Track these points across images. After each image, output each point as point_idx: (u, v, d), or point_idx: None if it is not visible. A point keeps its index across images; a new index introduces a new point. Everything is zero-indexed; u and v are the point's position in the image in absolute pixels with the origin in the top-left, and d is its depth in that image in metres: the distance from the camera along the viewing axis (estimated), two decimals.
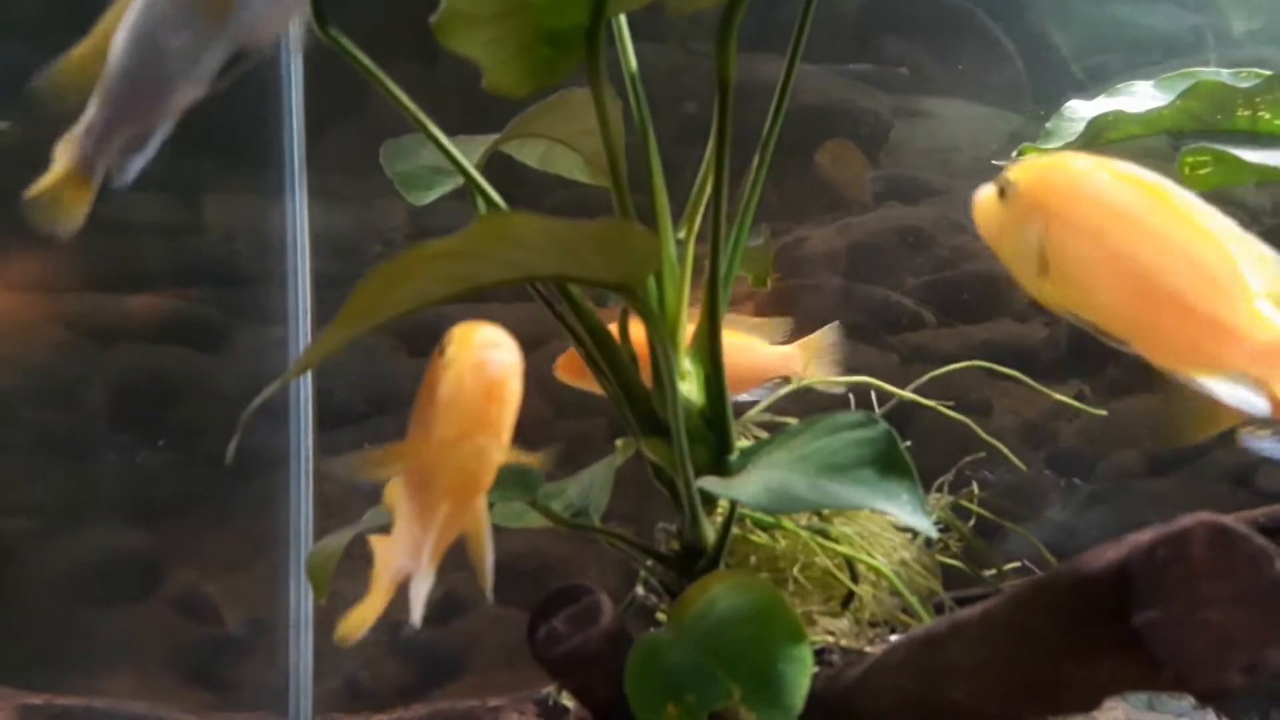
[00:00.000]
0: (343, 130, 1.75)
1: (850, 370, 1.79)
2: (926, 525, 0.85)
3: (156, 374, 1.79)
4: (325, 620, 1.79)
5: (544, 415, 1.84)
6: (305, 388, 1.74)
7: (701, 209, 1.07)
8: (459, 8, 0.84)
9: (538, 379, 1.87)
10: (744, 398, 1.33)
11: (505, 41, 0.86)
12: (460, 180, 1.06)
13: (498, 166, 1.35)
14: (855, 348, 1.83)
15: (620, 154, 0.97)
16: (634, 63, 1.05)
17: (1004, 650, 0.75)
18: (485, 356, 0.81)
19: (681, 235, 1.07)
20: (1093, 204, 0.79)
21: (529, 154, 1.29)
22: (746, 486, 0.95)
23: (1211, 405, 0.79)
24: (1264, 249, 0.78)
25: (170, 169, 1.80)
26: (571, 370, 1.37)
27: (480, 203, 1.05)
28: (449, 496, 0.83)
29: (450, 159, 1.01)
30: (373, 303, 0.73)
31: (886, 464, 0.90)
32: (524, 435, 2.06)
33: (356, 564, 1.82)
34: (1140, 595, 0.61)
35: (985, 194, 0.88)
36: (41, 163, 0.84)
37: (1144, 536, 0.63)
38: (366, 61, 0.98)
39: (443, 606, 1.82)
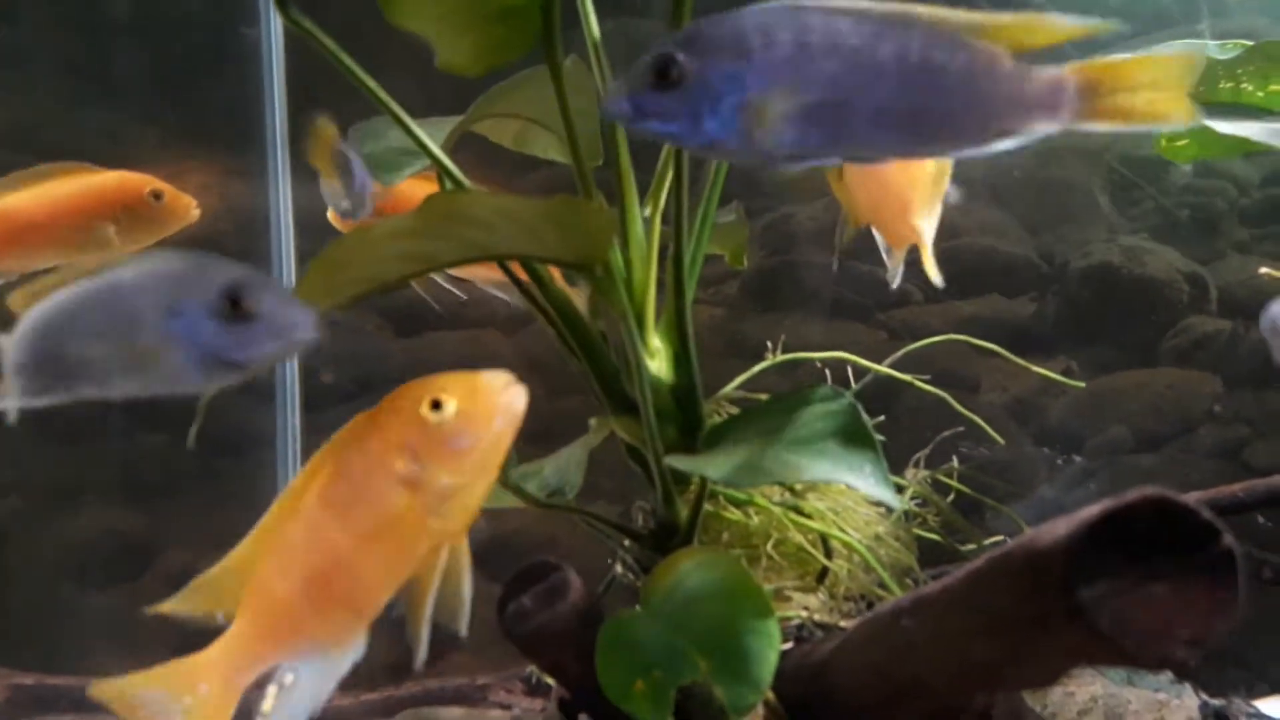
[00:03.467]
0: (326, 108, 1.74)
1: (837, 346, 1.79)
2: (890, 497, 0.85)
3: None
4: None
5: (536, 392, 1.85)
6: (291, 368, 1.75)
7: (666, 186, 1.06)
8: None
9: (530, 358, 1.88)
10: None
11: (456, 18, 0.85)
12: (428, 161, 1.06)
13: (480, 147, 1.35)
14: (843, 324, 1.83)
15: (582, 131, 0.97)
16: (596, 33, 1.04)
17: (961, 625, 0.75)
18: (507, 401, 0.79)
19: (648, 212, 1.06)
20: None
21: (504, 134, 1.28)
22: (714, 463, 0.95)
23: None
24: None
25: (154, 150, 1.80)
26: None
27: (448, 184, 1.05)
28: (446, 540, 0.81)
29: (415, 140, 1.00)
30: (326, 283, 0.73)
31: (850, 437, 0.90)
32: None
33: None
34: (1088, 569, 0.61)
35: None
36: None
37: (1092, 511, 0.63)
38: (329, 43, 0.98)
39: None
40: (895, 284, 1.20)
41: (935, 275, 1.11)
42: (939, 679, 0.81)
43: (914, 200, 1.13)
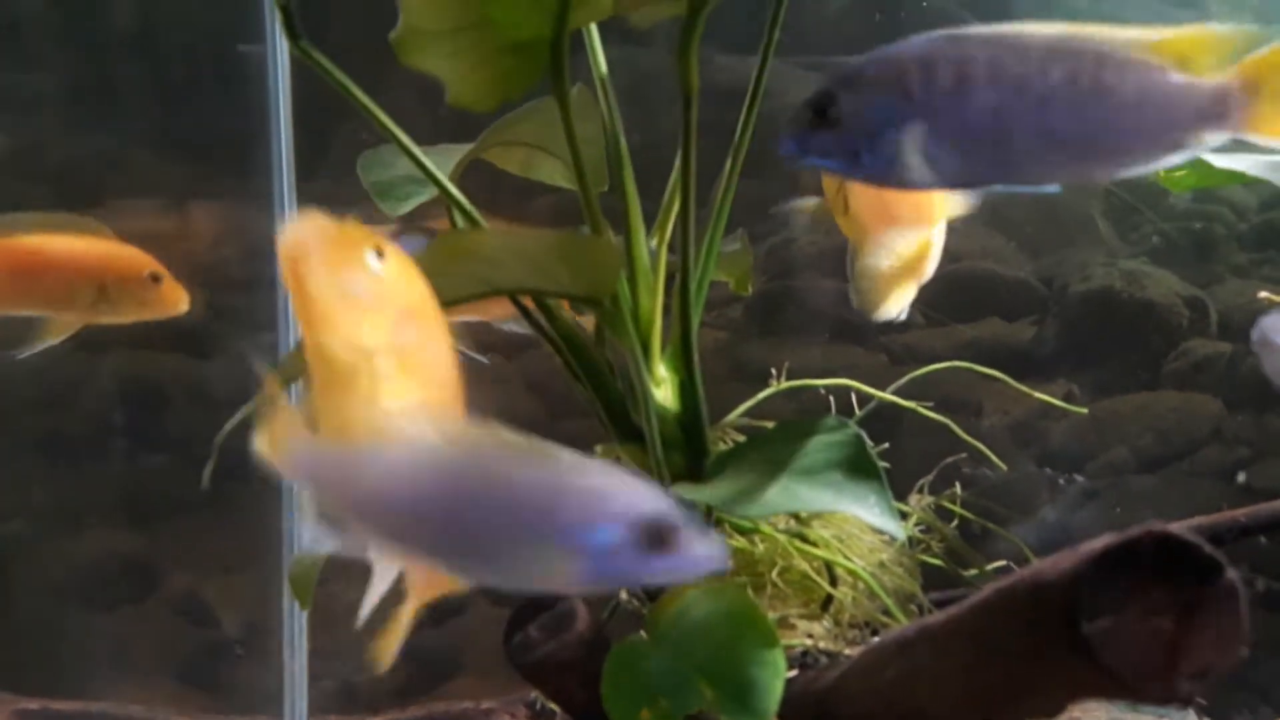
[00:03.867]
0: (331, 135, 1.76)
1: (838, 369, 1.79)
2: (894, 527, 0.86)
3: (149, 380, 1.81)
4: (320, 623, 1.80)
5: (539, 417, 1.85)
6: (294, 391, 1.75)
7: (673, 216, 1.07)
8: (417, 24, 0.85)
9: (531, 381, 1.89)
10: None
11: (466, 56, 0.86)
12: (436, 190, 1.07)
13: (485, 172, 1.36)
14: (844, 348, 1.84)
15: (590, 162, 0.98)
16: (604, 67, 1.06)
17: (966, 656, 0.76)
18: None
19: (654, 243, 1.07)
20: None
21: (510, 160, 1.29)
22: (719, 492, 0.96)
23: None
24: None
25: (159, 176, 1.82)
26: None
27: (456, 213, 1.06)
28: None
29: (423, 170, 1.02)
30: None
31: (855, 467, 0.91)
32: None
33: (353, 567, 1.84)
34: (1091, 604, 0.62)
35: None
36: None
37: (1096, 545, 0.64)
38: (338, 74, 0.99)
39: (438, 608, 1.83)
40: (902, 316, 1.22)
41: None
42: (942, 709, 0.81)
43: (918, 229, 1.14)
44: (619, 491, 0.64)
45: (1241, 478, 1.71)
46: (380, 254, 0.68)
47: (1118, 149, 0.71)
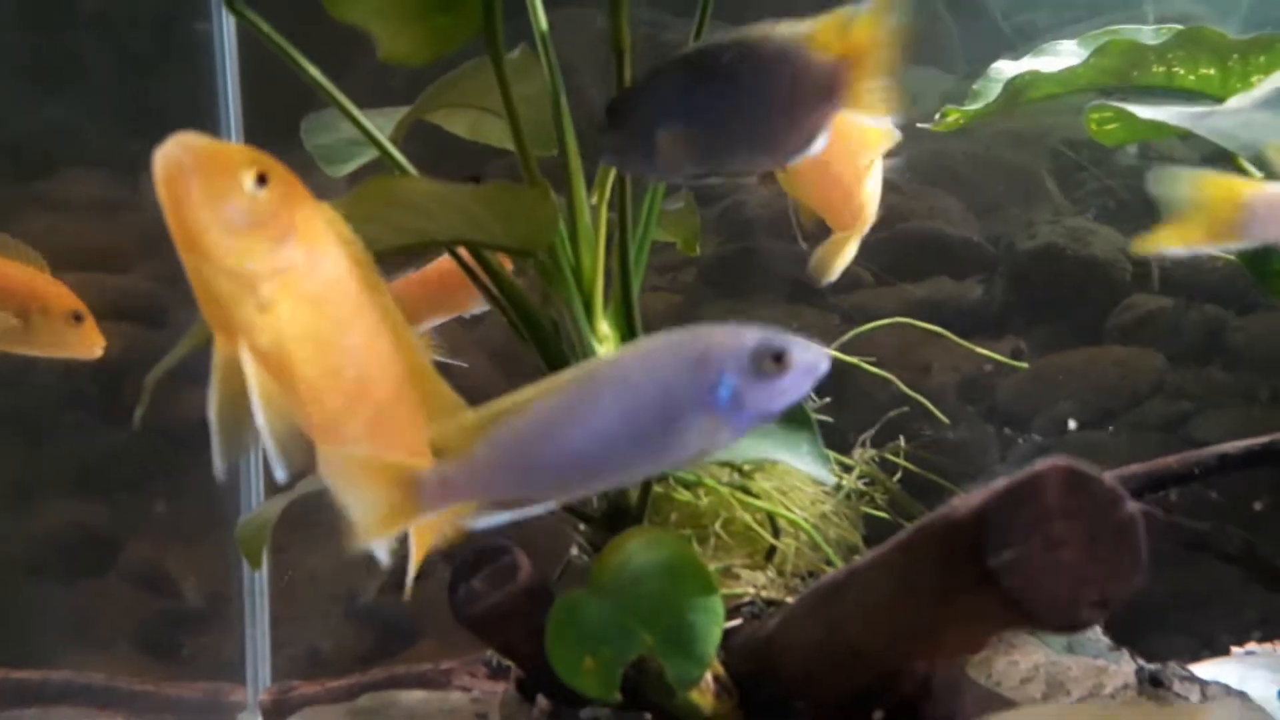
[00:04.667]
0: (278, 101, 1.75)
1: (792, 331, 1.81)
2: (825, 474, 0.88)
3: (104, 351, 1.80)
4: (282, 590, 1.81)
5: (495, 381, 1.86)
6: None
7: (612, 174, 1.08)
8: None
9: (491, 349, 1.90)
10: None
11: (395, 10, 0.86)
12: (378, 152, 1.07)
13: (439, 138, 1.35)
14: (798, 308, 1.86)
15: (530, 119, 0.99)
16: (544, 24, 1.06)
17: (890, 593, 0.79)
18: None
19: (595, 201, 1.08)
20: None
21: (458, 123, 1.29)
22: None
23: None
24: None
25: (108, 147, 1.80)
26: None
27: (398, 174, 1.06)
28: None
29: (364, 131, 1.02)
30: None
31: (789, 418, 0.93)
32: (475, 400, 2.08)
33: (314, 531, 1.85)
34: (997, 537, 0.65)
35: None
36: None
37: (1003, 482, 0.66)
38: (277, 38, 0.99)
39: (398, 573, 1.85)
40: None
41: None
42: (873, 647, 0.84)
43: (856, 187, 1.16)
44: (718, 343, 0.70)
45: None
46: (263, 177, 0.65)
47: (791, 131, 0.81)
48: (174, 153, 0.63)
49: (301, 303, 0.65)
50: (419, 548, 0.78)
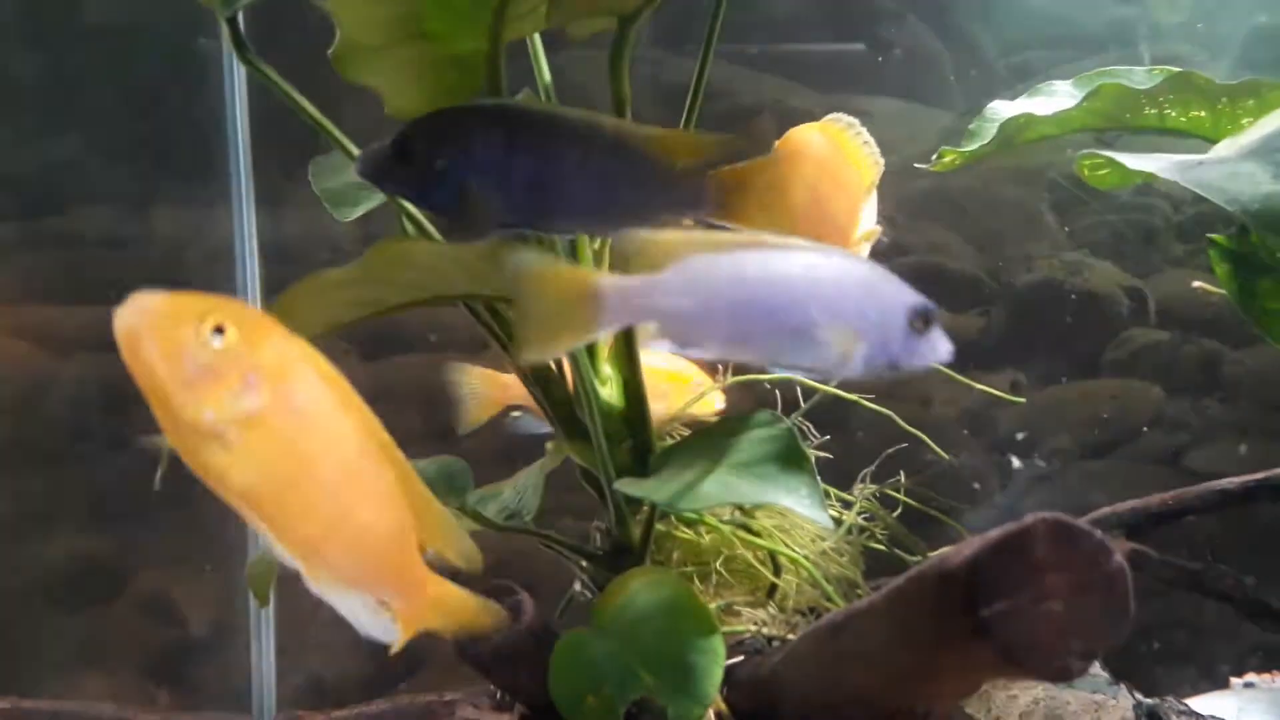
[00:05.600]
0: (289, 137, 1.77)
1: None
2: (823, 517, 0.90)
3: (113, 383, 1.82)
4: (287, 619, 1.83)
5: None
6: None
7: None
8: (355, 39, 0.87)
9: None
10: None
11: (405, 70, 0.89)
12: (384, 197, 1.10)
13: None
14: None
15: None
16: (547, 76, 1.09)
17: (885, 639, 0.80)
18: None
19: (598, 245, 1.10)
20: None
21: None
22: (659, 487, 0.99)
23: None
24: None
25: (118, 182, 1.83)
26: None
27: (405, 221, 1.09)
28: None
29: None
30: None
31: (788, 460, 0.95)
32: (480, 434, 2.09)
33: None
34: (989, 588, 0.66)
35: None
36: None
37: (994, 534, 0.68)
38: (285, 86, 1.02)
39: None
40: None
41: None
42: (869, 690, 0.86)
43: (850, 227, 1.18)
44: (892, 284, 0.79)
45: None
46: (220, 328, 0.65)
47: (611, 214, 0.88)
48: (129, 316, 0.65)
49: (270, 444, 0.67)
50: (406, 630, 0.80)
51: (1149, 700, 1.24)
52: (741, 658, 1.12)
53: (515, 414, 1.37)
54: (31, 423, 1.85)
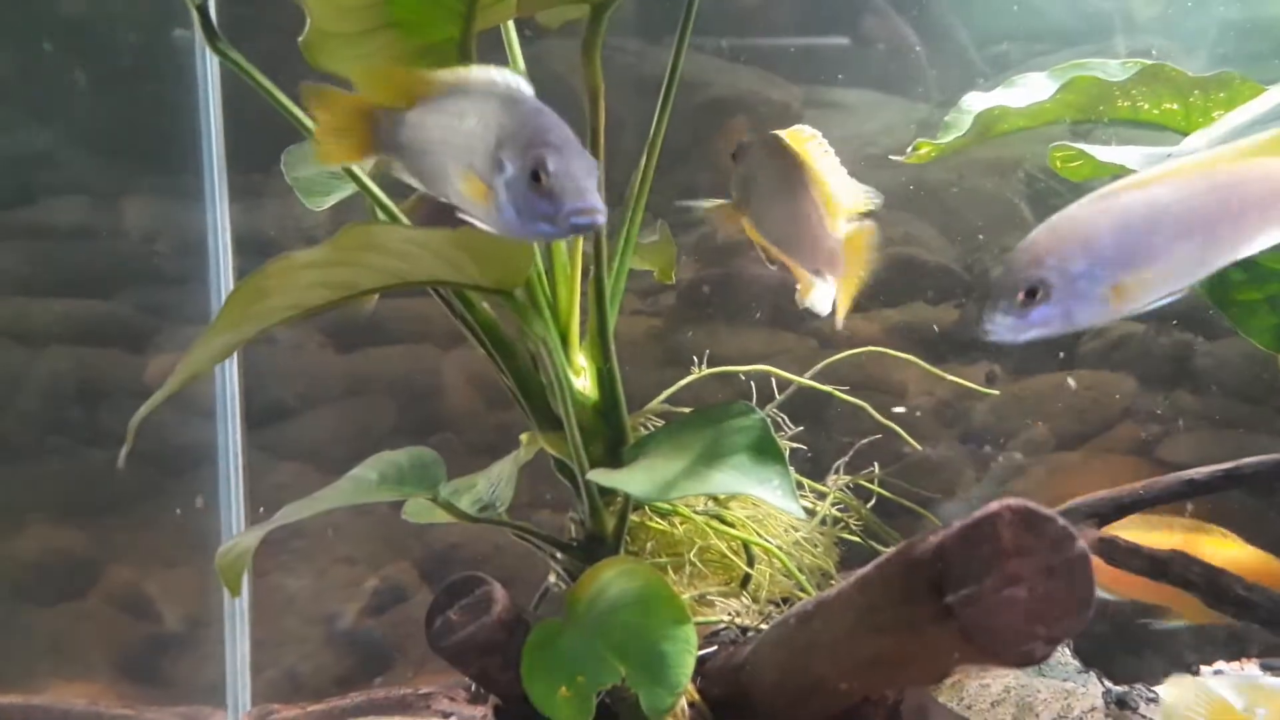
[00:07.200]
0: (262, 128, 1.76)
1: (770, 354, 1.84)
2: (794, 508, 0.90)
3: (86, 376, 1.81)
4: (262, 613, 1.82)
5: (475, 407, 1.88)
6: (232, 385, 1.76)
7: None
8: (325, 27, 0.86)
9: (469, 372, 1.91)
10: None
11: (375, 59, 0.88)
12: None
13: None
14: (777, 333, 1.89)
15: None
16: (521, 65, 1.09)
17: (854, 627, 0.81)
18: None
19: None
20: None
21: None
22: (632, 478, 0.99)
23: None
24: None
25: (90, 173, 1.81)
26: None
27: (376, 209, 1.08)
28: None
29: (344, 167, 1.03)
30: (243, 314, 0.76)
31: (760, 451, 0.95)
32: (456, 426, 2.08)
33: (293, 557, 1.85)
34: (954, 575, 0.67)
35: None
36: None
37: (960, 521, 0.69)
38: (256, 75, 1.01)
39: (379, 596, 1.86)
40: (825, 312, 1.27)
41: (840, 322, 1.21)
42: (839, 677, 0.86)
43: (823, 233, 1.18)
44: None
45: None
46: None
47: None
48: None
49: None
50: None
51: (1118, 688, 1.25)
52: (715, 648, 1.12)
53: None
54: (3, 416, 1.84)
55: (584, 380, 1.12)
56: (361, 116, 0.81)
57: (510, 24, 1.09)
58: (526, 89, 0.80)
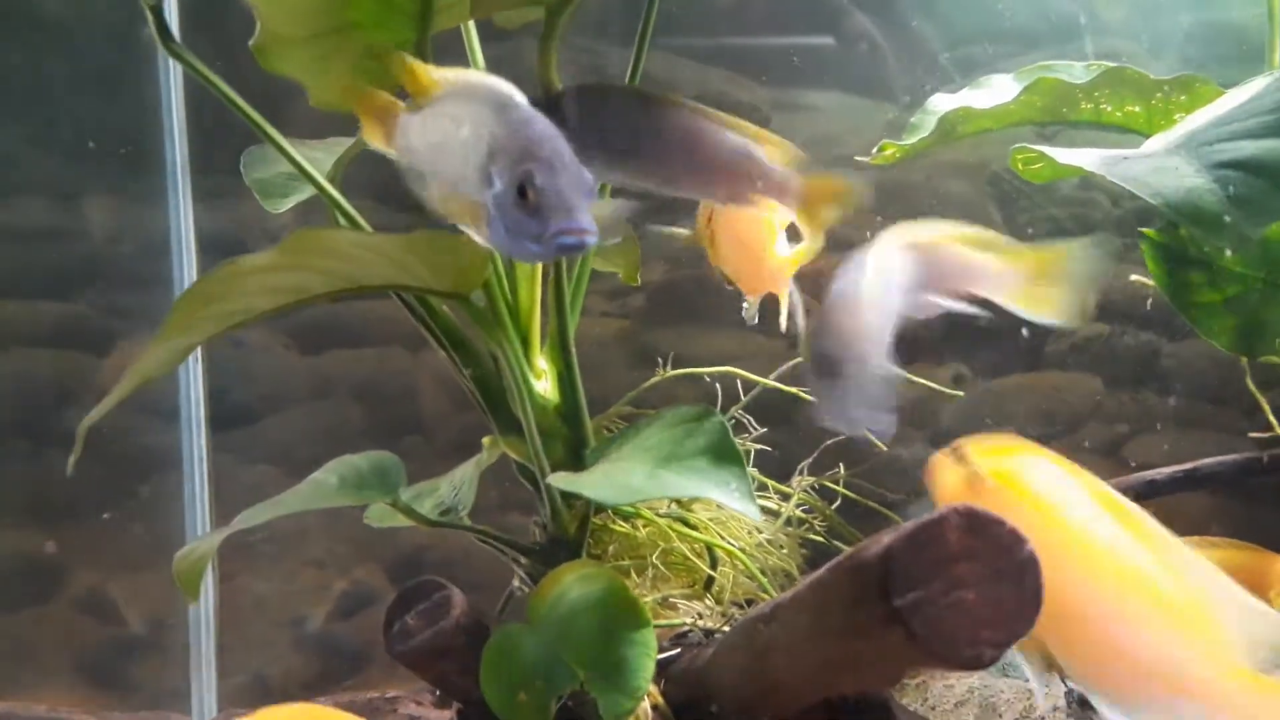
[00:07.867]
0: (225, 129, 1.75)
1: (741, 355, 1.83)
2: (753, 511, 0.90)
3: (48, 379, 1.78)
4: (229, 617, 1.80)
5: (445, 410, 1.87)
6: (196, 389, 1.75)
7: None
8: (276, 30, 0.85)
9: (436, 374, 1.90)
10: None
11: (328, 61, 0.87)
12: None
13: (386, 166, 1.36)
14: (747, 334, 1.89)
15: None
16: (481, 63, 1.08)
17: (808, 630, 0.80)
18: None
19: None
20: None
21: None
22: (592, 482, 0.99)
23: None
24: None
25: (51, 173, 1.79)
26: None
27: (336, 213, 1.07)
28: None
29: (299, 169, 1.02)
30: (191, 318, 0.75)
31: (719, 453, 0.94)
32: (424, 428, 2.06)
33: (261, 560, 1.84)
34: (901, 578, 0.66)
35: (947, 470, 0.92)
36: None
37: (909, 524, 0.68)
38: (208, 73, 0.99)
39: (347, 600, 1.84)
40: (753, 322, 1.31)
41: (784, 323, 1.22)
42: (795, 679, 0.86)
43: (767, 260, 1.20)
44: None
45: None
46: None
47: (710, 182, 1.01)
48: None
49: None
50: None
51: (1080, 687, 1.25)
52: (678, 650, 1.12)
53: None
54: None
55: (545, 383, 1.11)
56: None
57: (471, 25, 1.09)
58: (519, 96, 0.79)
